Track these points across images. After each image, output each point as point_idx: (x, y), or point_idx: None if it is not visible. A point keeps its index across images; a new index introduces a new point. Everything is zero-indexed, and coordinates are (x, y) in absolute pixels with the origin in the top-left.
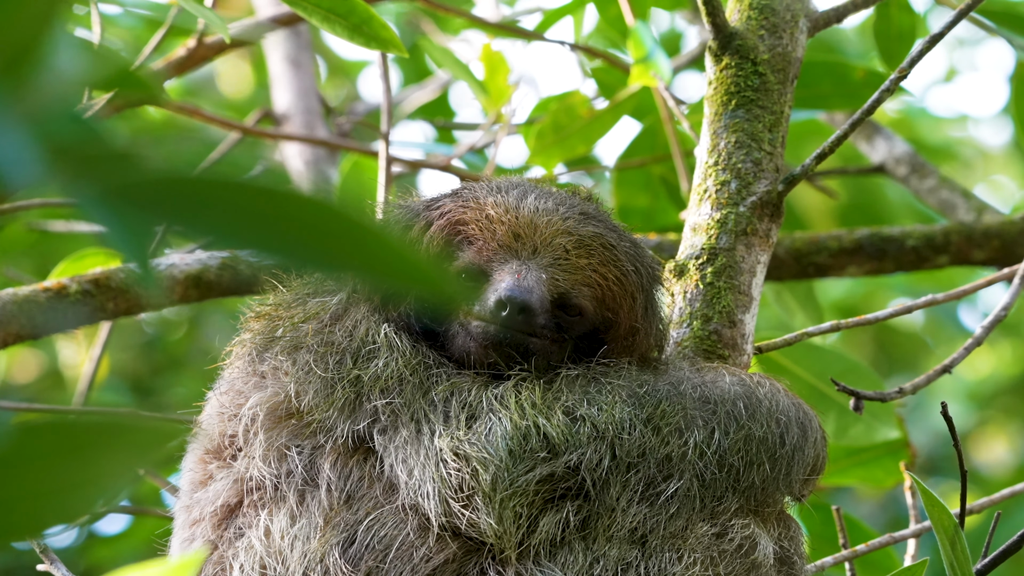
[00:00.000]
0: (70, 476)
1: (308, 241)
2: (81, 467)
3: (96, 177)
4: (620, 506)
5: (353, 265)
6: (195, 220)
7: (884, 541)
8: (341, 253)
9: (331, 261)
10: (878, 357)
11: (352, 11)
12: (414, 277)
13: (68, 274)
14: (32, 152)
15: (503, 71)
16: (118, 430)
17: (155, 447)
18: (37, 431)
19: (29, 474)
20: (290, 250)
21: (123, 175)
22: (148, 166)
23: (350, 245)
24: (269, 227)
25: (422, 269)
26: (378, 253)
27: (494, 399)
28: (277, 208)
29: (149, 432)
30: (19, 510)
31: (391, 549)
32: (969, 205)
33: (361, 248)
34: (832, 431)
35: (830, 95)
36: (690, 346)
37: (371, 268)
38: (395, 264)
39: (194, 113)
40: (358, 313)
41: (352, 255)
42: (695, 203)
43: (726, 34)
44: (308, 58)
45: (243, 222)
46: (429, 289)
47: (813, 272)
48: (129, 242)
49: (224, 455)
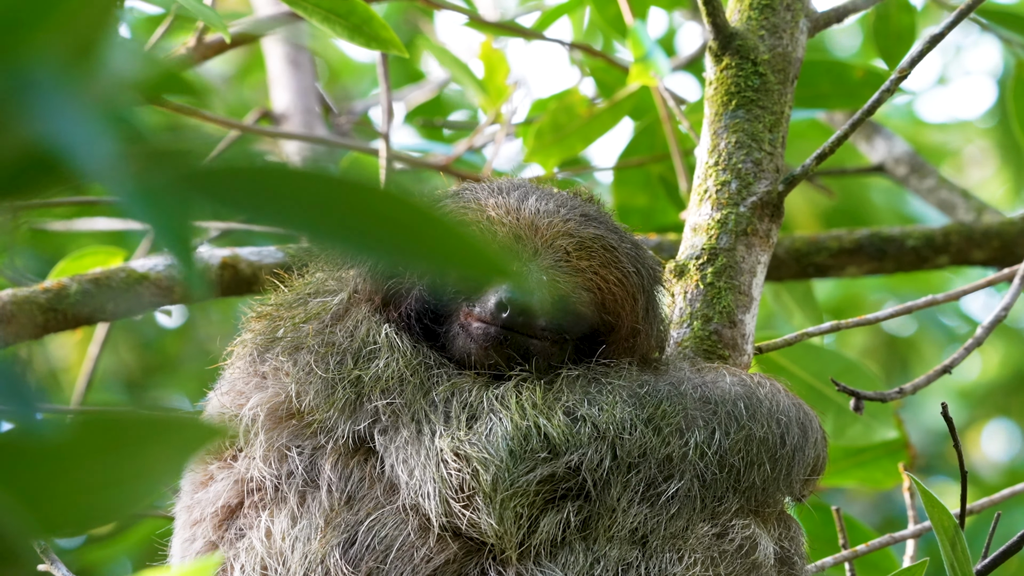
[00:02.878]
0: (118, 471)
1: (363, 226)
2: (129, 462)
3: (159, 169)
4: (621, 506)
5: (413, 251)
6: (253, 209)
7: (884, 541)
8: (402, 240)
9: (388, 247)
10: (865, 358)
11: (352, 11)
12: (463, 256)
13: (68, 273)
14: (106, 139)
15: (502, 70)
16: (166, 426)
17: (200, 443)
18: (89, 425)
19: (79, 468)
20: (346, 235)
21: (182, 168)
22: (199, 161)
23: (411, 232)
24: (326, 214)
25: (472, 246)
26: (434, 235)
27: (495, 399)
28: (329, 194)
29: (195, 428)
30: (68, 504)
31: (392, 550)
32: (969, 205)
33: (423, 236)
34: (830, 431)
35: (829, 94)
36: (690, 346)
37: (430, 252)
38: (448, 243)
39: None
40: (359, 313)
41: (414, 242)
42: (695, 203)
43: (726, 34)
44: (307, 58)
45: (297, 209)
46: (474, 266)
47: (813, 272)
48: (173, 237)
49: (224, 455)
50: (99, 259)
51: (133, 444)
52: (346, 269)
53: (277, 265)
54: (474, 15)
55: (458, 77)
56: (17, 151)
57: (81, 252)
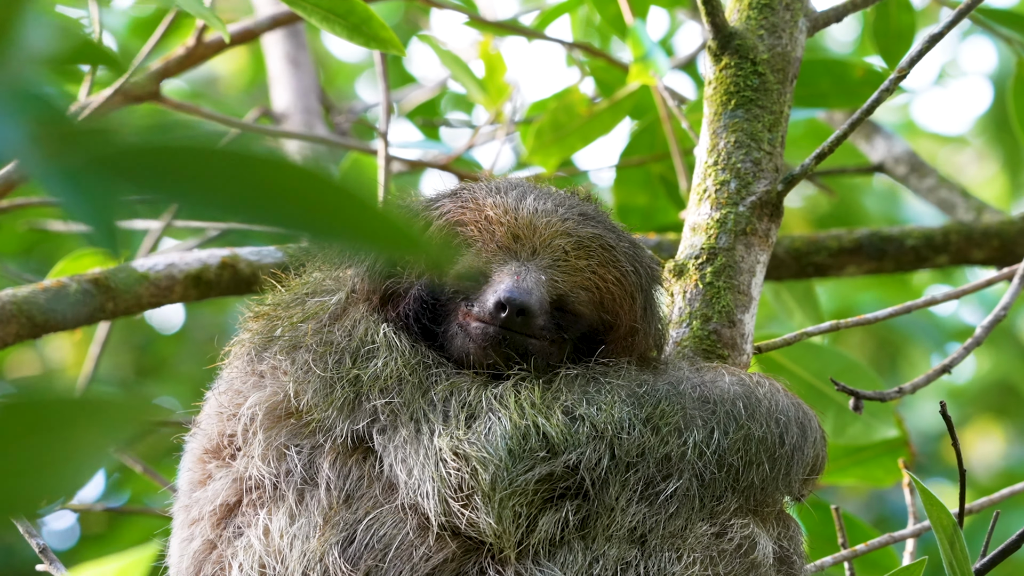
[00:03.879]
0: (43, 455)
1: (275, 203)
2: (55, 446)
3: (72, 151)
4: (619, 505)
5: (327, 224)
6: (167, 188)
7: (883, 541)
8: (309, 212)
9: (295, 219)
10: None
11: (351, 11)
12: (394, 237)
13: (67, 273)
14: (16, 125)
15: (501, 70)
16: (89, 407)
17: (131, 422)
18: (17, 408)
19: (9, 451)
20: (262, 214)
21: (96, 149)
22: (121, 140)
23: (319, 207)
24: (236, 192)
25: (404, 231)
26: (348, 210)
27: (493, 399)
28: (250, 172)
29: (125, 407)
30: (3, 488)
31: (390, 548)
32: (968, 205)
33: (331, 207)
34: (830, 430)
35: (829, 93)
36: (689, 346)
37: (347, 228)
38: (368, 220)
39: (193, 111)
40: (357, 313)
41: (324, 216)
42: (695, 203)
43: (725, 34)
44: (307, 57)
45: (216, 189)
46: (411, 251)
47: (812, 272)
48: (90, 211)
49: (223, 454)
50: (99, 259)
51: (58, 427)
52: (344, 269)
53: (276, 265)
54: (474, 15)
55: (458, 76)
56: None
57: (80, 252)
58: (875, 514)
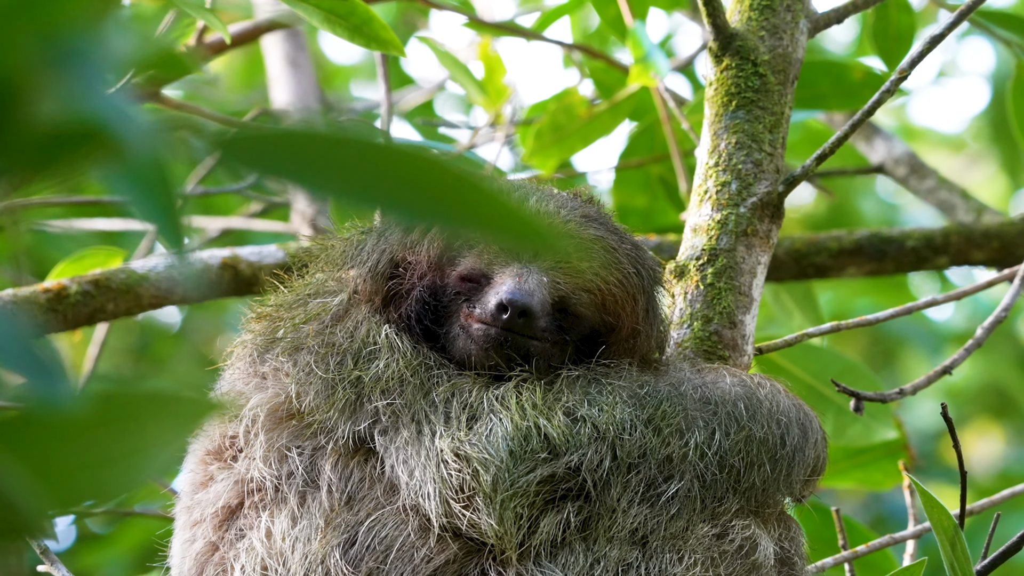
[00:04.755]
0: (123, 446)
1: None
2: (133, 437)
3: (193, 137)
4: (621, 507)
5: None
6: (290, 173)
7: (884, 542)
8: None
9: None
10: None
11: (352, 11)
12: (506, 221)
13: (68, 274)
14: (136, 107)
15: (500, 71)
16: (168, 401)
17: (198, 418)
18: (103, 399)
19: (88, 442)
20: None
21: (215, 137)
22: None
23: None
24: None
25: (516, 214)
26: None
27: (495, 400)
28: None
29: (194, 403)
30: (75, 479)
31: (392, 550)
32: (968, 206)
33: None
34: (830, 431)
35: (828, 95)
36: (691, 347)
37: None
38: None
39: (193, 111)
40: (359, 314)
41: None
42: (695, 204)
43: (727, 35)
44: (306, 58)
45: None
46: (518, 232)
47: (813, 273)
48: (155, 208)
49: (225, 456)
50: (99, 260)
51: (138, 418)
52: (346, 269)
53: (277, 265)
54: (473, 16)
55: (457, 77)
56: (49, 123)
57: (81, 253)
58: (872, 516)
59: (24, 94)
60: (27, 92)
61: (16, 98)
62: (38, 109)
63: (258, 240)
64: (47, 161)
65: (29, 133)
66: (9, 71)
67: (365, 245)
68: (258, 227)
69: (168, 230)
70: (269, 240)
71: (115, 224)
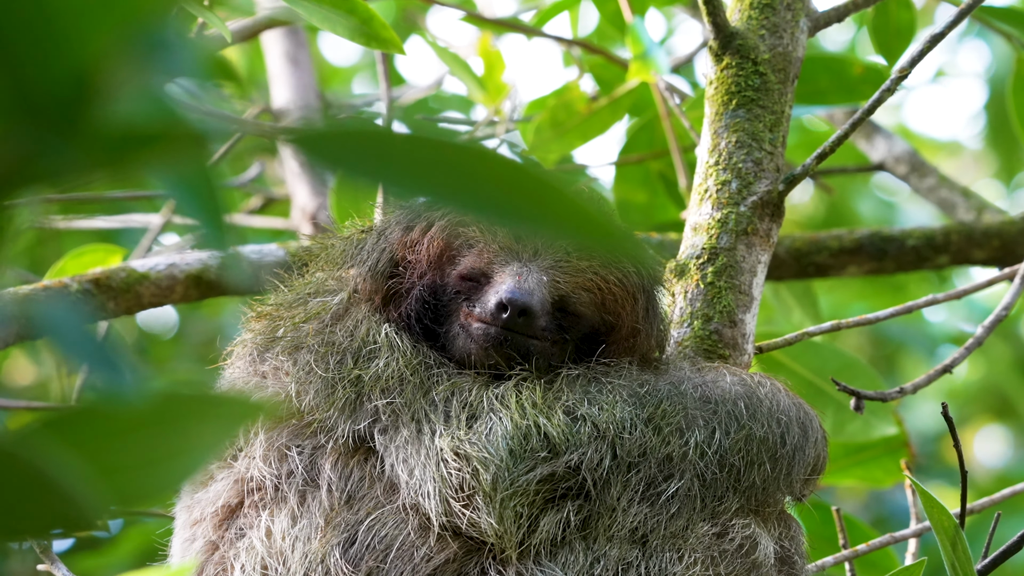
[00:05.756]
0: (175, 444)
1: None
2: (184, 436)
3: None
4: (621, 506)
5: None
6: (378, 173)
7: (884, 541)
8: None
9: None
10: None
11: (353, 11)
12: (594, 231)
13: (68, 272)
14: (221, 99)
15: (500, 67)
16: (221, 402)
17: (243, 419)
18: (167, 397)
19: (146, 439)
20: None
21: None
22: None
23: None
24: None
25: (602, 225)
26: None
27: (495, 399)
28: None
29: (239, 406)
30: (129, 475)
31: (392, 549)
32: (969, 204)
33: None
34: (829, 427)
35: (827, 91)
36: (691, 346)
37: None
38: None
39: None
40: (359, 313)
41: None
42: (696, 203)
43: (727, 34)
44: (306, 56)
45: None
46: (608, 243)
47: (813, 272)
48: (199, 206)
49: (225, 455)
50: (98, 257)
51: (190, 418)
52: (346, 269)
53: (277, 265)
54: (472, 12)
55: (457, 74)
56: (126, 117)
57: (81, 250)
58: (873, 514)
59: (101, 88)
60: (104, 86)
61: (93, 92)
62: (115, 103)
63: (257, 238)
64: (120, 157)
65: (106, 128)
66: (87, 64)
67: (365, 244)
68: (258, 223)
69: (213, 228)
70: (269, 238)
71: (113, 223)
